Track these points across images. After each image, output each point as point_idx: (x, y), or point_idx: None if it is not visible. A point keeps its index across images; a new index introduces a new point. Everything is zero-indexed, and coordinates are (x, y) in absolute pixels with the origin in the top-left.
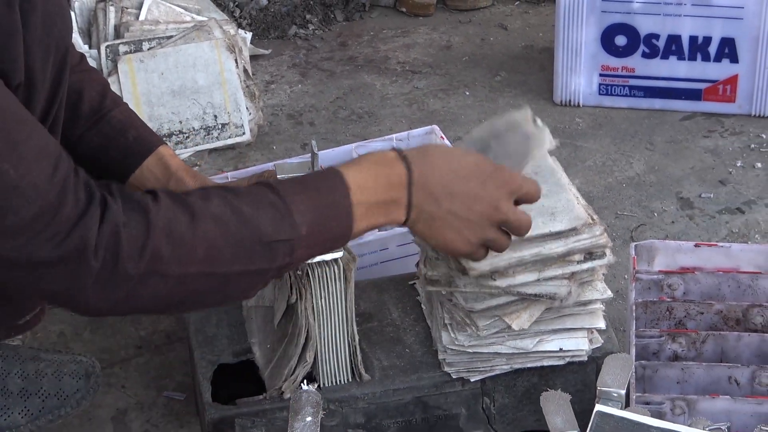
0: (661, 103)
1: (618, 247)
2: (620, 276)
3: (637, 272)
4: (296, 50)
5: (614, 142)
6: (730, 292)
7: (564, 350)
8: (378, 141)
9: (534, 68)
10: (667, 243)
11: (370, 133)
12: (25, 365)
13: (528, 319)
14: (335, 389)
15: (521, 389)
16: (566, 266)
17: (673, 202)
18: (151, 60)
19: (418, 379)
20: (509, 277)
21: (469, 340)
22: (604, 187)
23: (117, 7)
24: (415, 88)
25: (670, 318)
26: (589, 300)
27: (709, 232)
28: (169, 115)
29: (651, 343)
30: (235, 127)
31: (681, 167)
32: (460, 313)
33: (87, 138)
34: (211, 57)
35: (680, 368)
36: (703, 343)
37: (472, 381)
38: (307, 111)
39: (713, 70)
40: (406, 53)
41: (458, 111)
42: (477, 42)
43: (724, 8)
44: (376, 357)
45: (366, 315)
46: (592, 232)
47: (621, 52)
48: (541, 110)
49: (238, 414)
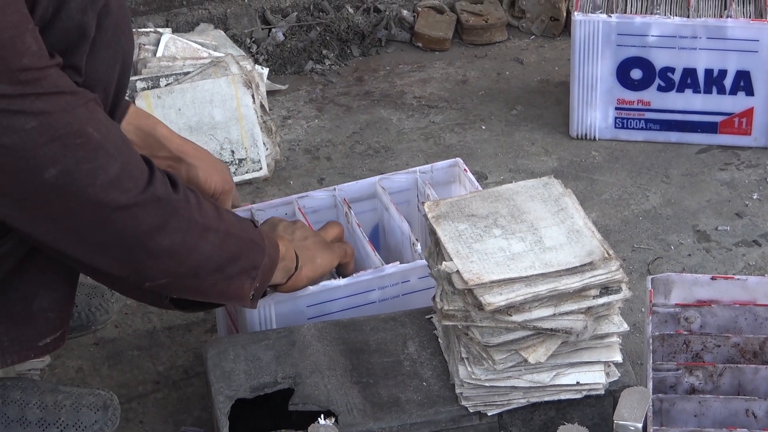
0: (677, 137)
1: (635, 281)
2: (637, 309)
3: (653, 305)
4: (313, 85)
5: (630, 175)
6: (747, 325)
7: (581, 384)
8: (401, 173)
9: (550, 102)
10: (683, 276)
11: (387, 167)
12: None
13: (544, 353)
14: (352, 423)
15: (538, 423)
16: (582, 301)
17: (689, 235)
18: (169, 96)
19: (436, 413)
20: (525, 312)
21: (485, 374)
22: (621, 221)
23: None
24: (432, 122)
25: (687, 351)
26: (606, 333)
27: (725, 265)
28: None
29: (668, 376)
30: (252, 163)
31: (697, 200)
32: (476, 347)
33: None
34: (228, 93)
35: (697, 401)
36: (720, 376)
37: (489, 415)
38: (323, 146)
39: (729, 103)
40: (423, 88)
41: (475, 145)
42: (493, 76)
43: (739, 41)
44: (393, 391)
45: (383, 350)
46: (608, 267)
47: (636, 86)
48: (557, 144)
49: None
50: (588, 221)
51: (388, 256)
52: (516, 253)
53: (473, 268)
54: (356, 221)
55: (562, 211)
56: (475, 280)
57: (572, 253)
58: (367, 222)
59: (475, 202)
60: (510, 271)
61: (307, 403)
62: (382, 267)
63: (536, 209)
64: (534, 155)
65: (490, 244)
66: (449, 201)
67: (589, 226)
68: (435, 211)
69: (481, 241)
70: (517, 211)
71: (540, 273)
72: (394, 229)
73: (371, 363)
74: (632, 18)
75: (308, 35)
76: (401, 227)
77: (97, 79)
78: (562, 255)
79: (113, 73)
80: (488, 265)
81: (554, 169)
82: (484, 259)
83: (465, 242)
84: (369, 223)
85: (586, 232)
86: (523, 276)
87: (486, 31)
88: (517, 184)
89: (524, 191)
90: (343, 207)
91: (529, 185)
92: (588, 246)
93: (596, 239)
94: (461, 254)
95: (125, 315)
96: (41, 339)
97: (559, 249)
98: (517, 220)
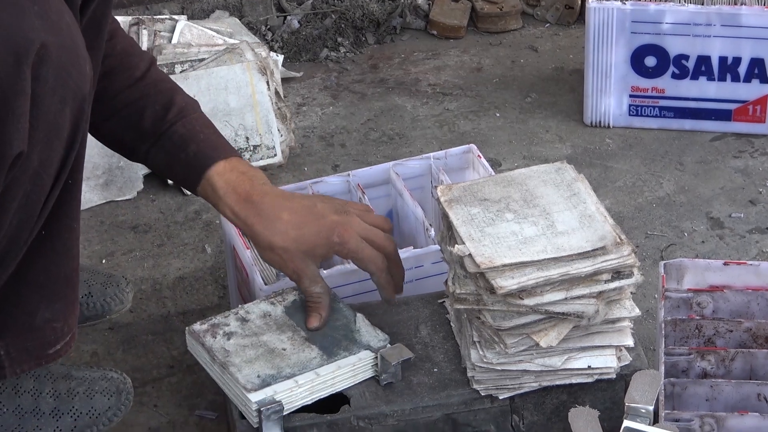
0: (691, 124)
1: (648, 267)
2: (650, 295)
3: (666, 290)
4: (328, 73)
5: (644, 162)
6: (759, 310)
7: (592, 368)
8: (415, 159)
9: (564, 90)
10: (696, 261)
11: (401, 154)
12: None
13: (556, 337)
14: (364, 406)
15: (550, 407)
16: (594, 285)
17: (703, 222)
18: (184, 82)
19: (447, 396)
20: (537, 296)
21: (497, 358)
22: (635, 208)
23: (150, 30)
24: (446, 109)
25: (699, 336)
26: (618, 318)
27: (739, 252)
28: None
29: (680, 360)
30: (266, 149)
31: (711, 187)
32: (488, 331)
33: (152, 154)
34: (243, 79)
35: (709, 386)
36: (732, 360)
37: (500, 398)
38: (338, 133)
39: (743, 91)
40: (437, 75)
41: (489, 132)
42: (507, 64)
43: (753, 29)
44: (405, 374)
45: (396, 333)
46: (620, 252)
47: (651, 73)
48: (571, 131)
49: None
50: (600, 206)
51: (401, 241)
52: (528, 237)
53: (485, 252)
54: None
55: (575, 196)
56: (487, 264)
57: (584, 238)
58: (380, 208)
59: (487, 187)
60: (522, 255)
61: None
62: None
63: (549, 194)
64: (548, 142)
65: (503, 228)
66: (462, 185)
67: (601, 211)
68: (448, 195)
69: (493, 225)
70: (529, 195)
71: (552, 257)
72: (408, 215)
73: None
74: (647, 5)
75: (323, 23)
76: (415, 213)
77: (46, 130)
78: (574, 239)
79: (64, 117)
80: (500, 248)
81: (568, 157)
82: (496, 243)
83: (477, 226)
84: (383, 209)
85: (599, 216)
86: (535, 260)
87: (501, 19)
88: (530, 168)
89: (537, 176)
90: (357, 192)
91: (541, 170)
92: (600, 231)
93: (608, 224)
94: (473, 238)
95: (140, 300)
96: (51, 347)
97: (571, 233)
98: (530, 204)
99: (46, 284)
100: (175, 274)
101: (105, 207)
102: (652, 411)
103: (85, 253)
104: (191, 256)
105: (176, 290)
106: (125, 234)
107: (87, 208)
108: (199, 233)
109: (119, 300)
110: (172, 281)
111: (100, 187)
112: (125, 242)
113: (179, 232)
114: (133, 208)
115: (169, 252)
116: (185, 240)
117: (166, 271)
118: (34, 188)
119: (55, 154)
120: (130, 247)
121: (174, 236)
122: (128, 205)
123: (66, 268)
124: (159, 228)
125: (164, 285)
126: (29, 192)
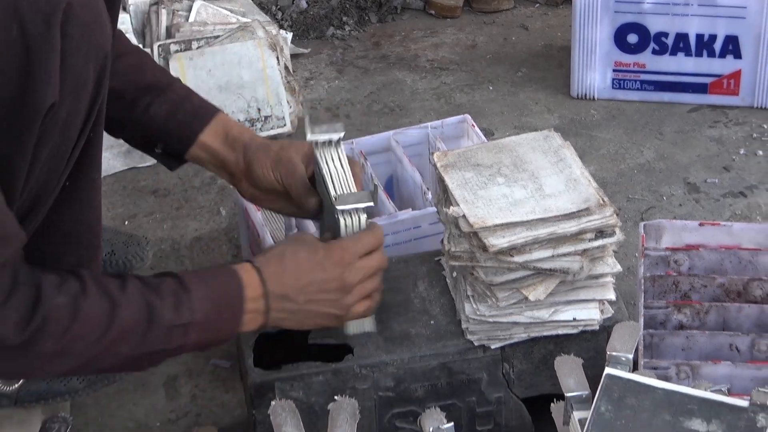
0: (669, 96)
1: (629, 228)
2: (631, 254)
3: (645, 249)
4: (333, 49)
5: (626, 132)
6: (732, 268)
7: (577, 320)
8: (414, 129)
9: (553, 65)
10: (673, 223)
11: (401, 124)
12: None
13: (544, 291)
14: (367, 355)
15: (538, 356)
16: (579, 244)
17: (680, 186)
18: (200, 58)
19: (443, 346)
20: (526, 253)
21: (489, 311)
22: (617, 174)
23: (168, 9)
24: (443, 83)
25: (676, 291)
26: (601, 274)
27: (713, 214)
28: None
29: (658, 313)
30: (276, 119)
31: (688, 155)
32: (481, 286)
33: (155, 105)
34: (255, 55)
35: (685, 336)
36: (707, 313)
37: (492, 348)
38: (343, 105)
39: (718, 66)
40: (435, 52)
41: (483, 104)
42: (500, 41)
43: (728, 8)
44: (404, 326)
45: (396, 288)
46: (603, 213)
47: (633, 49)
48: (559, 103)
49: (278, 378)
50: (585, 171)
51: (401, 204)
52: (518, 200)
53: (478, 213)
54: (372, 172)
55: (561, 162)
56: (480, 224)
57: (570, 200)
58: (381, 173)
59: (480, 153)
60: (512, 216)
61: (325, 337)
62: (395, 213)
63: (537, 160)
64: (537, 113)
65: (494, 191)
66: (457, 152)
67: (585, 176)
68: (443, 160)
69: (485, 189)
70: (519, 161)
71: (540, 218)
72: (407, 180)
73: (384, 301)
74: None
75: (329, 3)
76: (413, 178)
77: (73, 84)
78: (560, 201)
79: (88, 72)
80: (492, 210)
81: (556, 126)
82: (489, 205)
83: (471, 189)
84: (384, 174)
85: (583, 180)
86: (525, 220)
87: (494, 0)
88: (520, 136)
89: (526, 143)
90: (360, 159)
91: (530, 138)
92: (584, 193)
93: (592, 187)
94: (467, 200)
95: (159, 258)
96: None
97: (557, 196)
98: (519, 169)
99: (72, 232)
100: (192, 234)
101: (127, 173)
102: (632, 359)
103: (109, 215)
104: (207, 218)
105: (193, 249)
106: (146, 198)
107: (111, 174)
108: (214, 197)
109: (140, 257)
110: (190, 241)
111: (123, 154)
112: (146, 205)
113: (196, 196)
114: (153, 174)
115: (186, 214)
116: (201, 203)
117: (184, 231)
118: (62, 140)
119: (81, 106)
120: (150, 210)
121: (191, 200)
122: (149, 172)
123: (90, 217)
124: (177, 192)
125: (182, 245)
126: (58, 143)
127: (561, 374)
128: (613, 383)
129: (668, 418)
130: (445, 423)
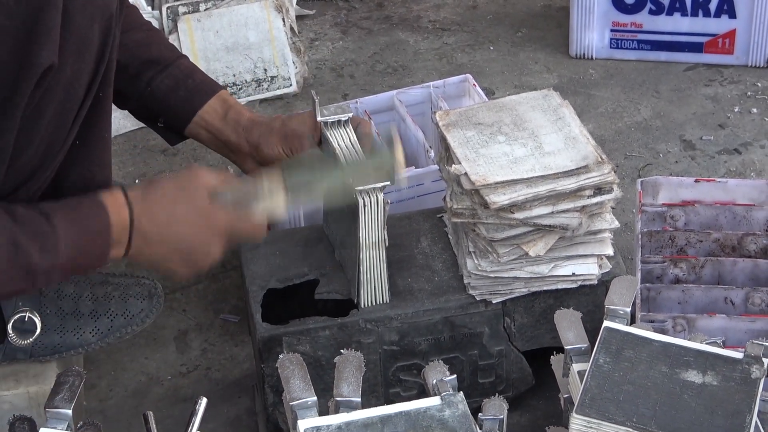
0: (666, 56)
1: (627, 185)
2: (628, 210)
3: (642, 205)
4: (338, 11)
5: (624, 90)
6: (727, 223)
7: (576, 274)
8: (416, 88)
9: (552, 25)
10: (670, 179)
11: (404, 83)
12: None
13: (543, 247)
14: (372, 310)
15: (538, 310)
16: (577, 200)
17: (676, 144)
18: (208, 20)
19: (446, 301)
20: (526, 210)
21: (491, 266)
22: (615, 131)
23: None
24: (445, 43)
25: (672, 246)
26: (599, 229)
27: (709, 171)
28: (224, 69)
29: (655, 268)
30: (282, 80)
31: (684, 113)
32: (482, 242)
33: (158, 80)
34: (261, 16)
35: (681, 290)
36: (702, 268)
37: (494, 303)
38: (347, 65)
39: (713, 25)
40: (437, 13)
41: (483, 64)
42: (500, 2)
43: None
44: (408, 281)
45: (399, 245)
46: (601, 170)
47: (630, 9)
48: (558, 63)
49: (285, 333)
50: (583, 129)
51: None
52: (518, 158)
53: (480, 171)
54: (376, 130)
55: (560, 120)
56: (481, 182)
57: (569, 158)
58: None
59: (481, 112)
60: (513, 174)
61: (331, 293)
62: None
63: (537, 118)
64: (537, 73)
65: (495, 149)
66: (458, 111)
67: (584, 134)
68: (445, 119)
69: (486, 147)
70: (519, 120)
71: (540, 175)
72: (410, 138)
73: (388, 256)
74: None
75: None
76: (416, 136)
77: (77, 43)
78: (559, 159)
79: (93, 33)
80: (493, 168)
81: (555, 85)
82: (490, 163)
83: (472, 147)
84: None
85: (582, 139)
86: (525, 178)
87: None
88: (520, 95)
89: (526, 102)
90: (364, 118)
91: (530, 97)
92: (583, 151)
93: (591, 145)
94: (469, 158)
95: None
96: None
97: (557, 154)
98: (520, 128)
99: (83, 190)
100: None
101: (138, 132)
102: (629, 313)
103: (120, 174)
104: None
105: None
106: (156, 156)
107: (121, 134)
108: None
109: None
110: None
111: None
112: (156, 164)
113: (204, 155)
114: None
115: None
116: (210, 162)
117: None
118: (67, 97)
119: (86, 66)
120: (160, 168)
121: (200, 159)
122: None
123: (100, 176)
124: (186, 151)
125: None
126: (63, 100)
127: (560, 327)
128: (611, 336)
129: (665, 370)
130: (448, 375)
